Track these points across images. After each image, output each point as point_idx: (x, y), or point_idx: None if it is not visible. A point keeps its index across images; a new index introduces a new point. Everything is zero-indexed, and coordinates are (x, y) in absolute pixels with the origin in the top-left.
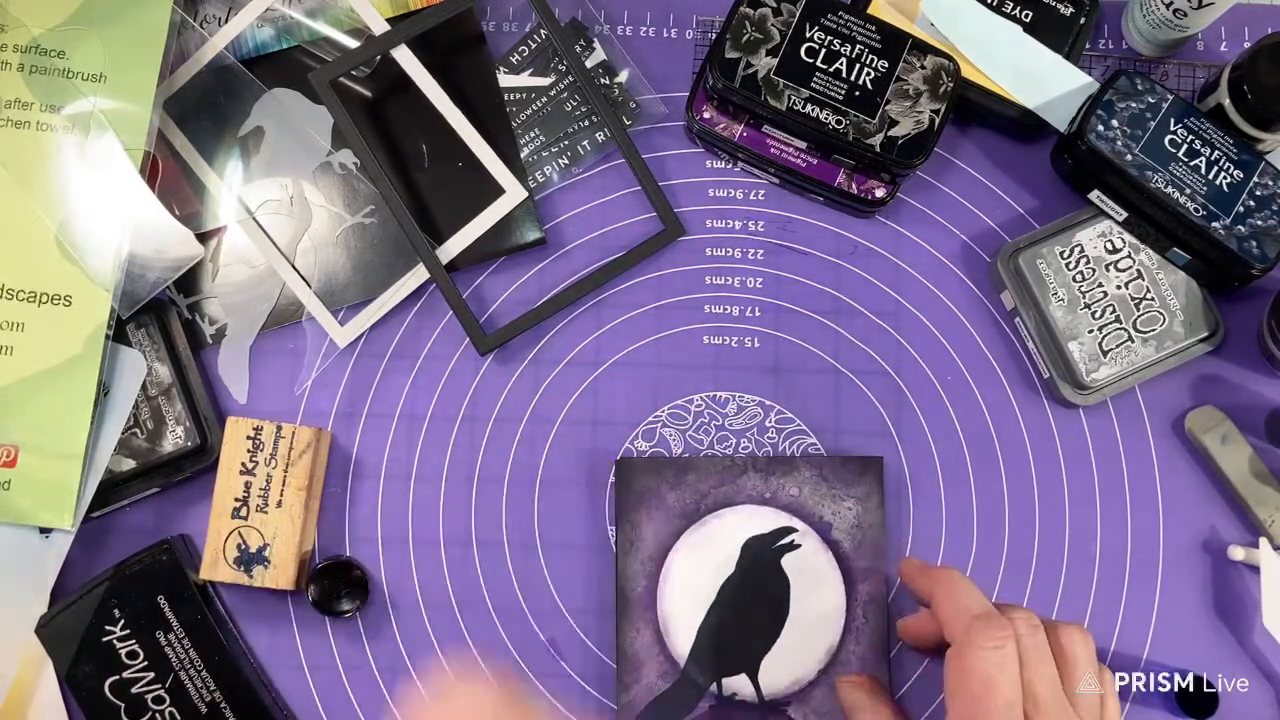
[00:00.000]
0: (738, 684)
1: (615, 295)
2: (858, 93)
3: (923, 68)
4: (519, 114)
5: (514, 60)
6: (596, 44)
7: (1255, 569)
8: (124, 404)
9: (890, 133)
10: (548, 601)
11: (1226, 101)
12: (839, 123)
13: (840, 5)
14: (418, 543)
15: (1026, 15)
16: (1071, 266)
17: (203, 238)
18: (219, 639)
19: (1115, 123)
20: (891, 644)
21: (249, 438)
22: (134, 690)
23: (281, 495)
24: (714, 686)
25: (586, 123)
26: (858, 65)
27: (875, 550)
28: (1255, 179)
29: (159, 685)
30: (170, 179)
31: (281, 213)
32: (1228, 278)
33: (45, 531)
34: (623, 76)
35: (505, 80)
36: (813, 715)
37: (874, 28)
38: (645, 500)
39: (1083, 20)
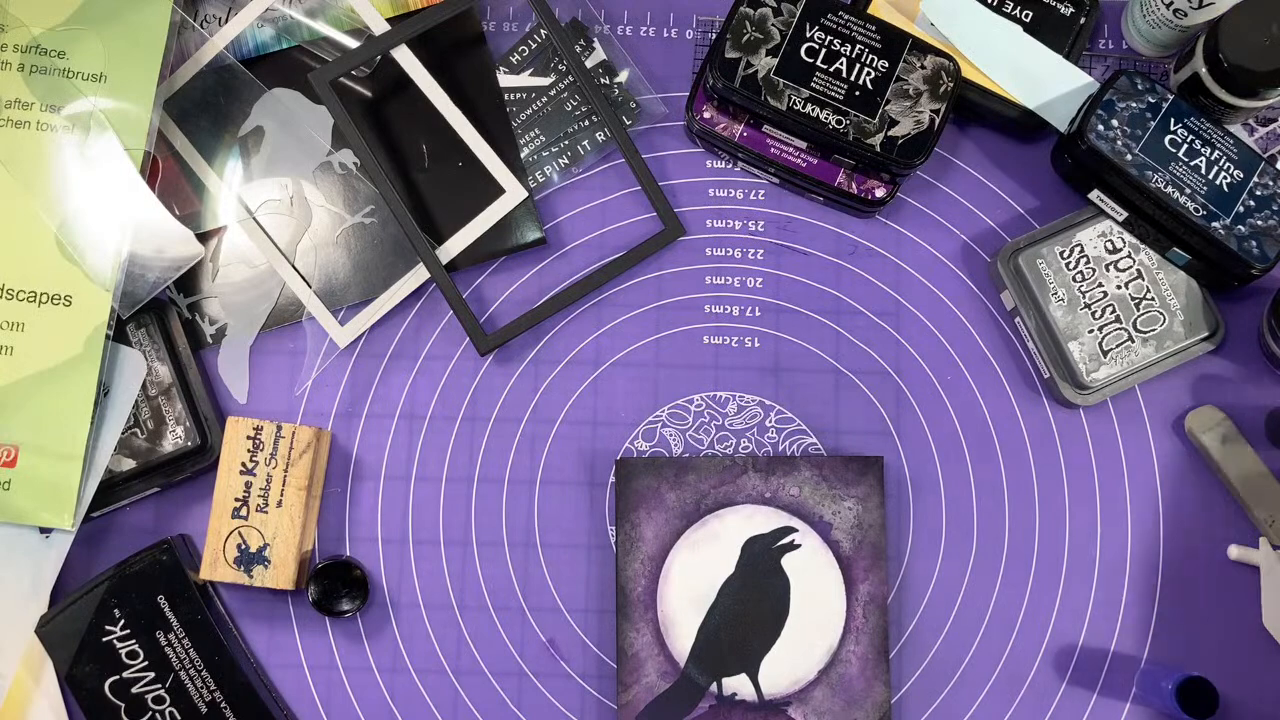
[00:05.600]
0: (738, 684)
1: (615, 295)
2: (858, 93)
3: (923, 68)
4: (519, 114)
5: (514, 60)
6: (596, 44)
7: (1255, 569)
8: (124, 404)
9: (890, 133)
10: (548, 601)
11: (1203, 70)
12: (839, 123)
13: (840, 5)
14: (418, 543)
15: (1026, 15)
16: (1071, 266)
17: (203, 238)
18: (219, 639)
19: (1115, 123)
20: (891, 644)
21: (249, 438)
22: (134, 690)
23: (281, 495)
24: (714, 686)
25: (586, 123)
26: (858, 65)
27: (875, 550)
28: (1255, 179)
29: (159, 685)
30: (170, 179)
31: (281, 213)
32: (1228, 278)
33: (45, 531)
34: (623, 76)
35: (505, 80)
36: (813, 715)
37: (874, 28)
38: (645, 500)
39: (1083, 20)
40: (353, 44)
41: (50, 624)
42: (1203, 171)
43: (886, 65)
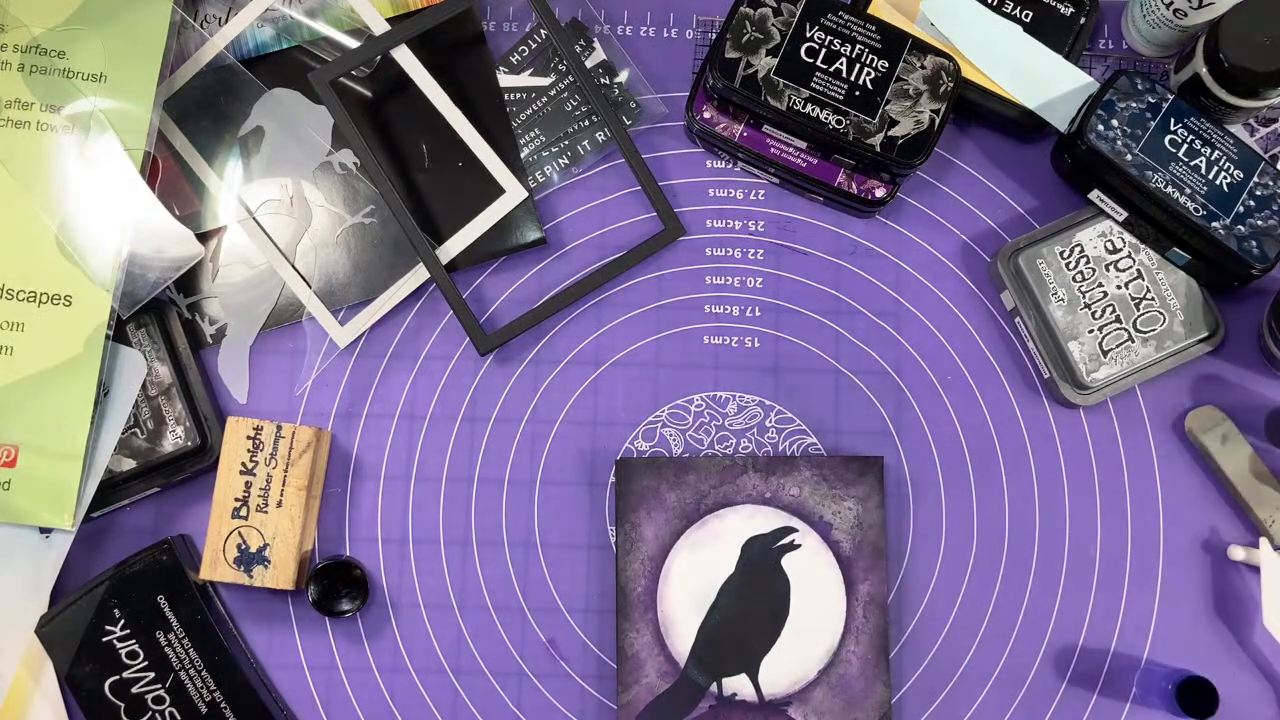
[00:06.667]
0: (738, 684)
1: (615, 295)
2: (858, 93)
3: (923, 68)
4: (519, 114)
5: (514, 60)
6: (596, 44)
7: (1255, 569)
8: (124, 404)
9: (890, 133)
10: (548, 601)
11: (1203, 70)
12: (839, 123)
13: (840, 5)
14: (418, 543)
15: (1026, 15)
16: (1071, 266)
17: (203, 238)
18: (219, 639)
19: (1115, 123)
20: (891, 644)
21: (249, 438)
22: (134, 690)
23: (281, 495)
24: (714, 686)
25: (586, 123)
26: (858, 65)
27: (875, 550)
28: (1255, 179)
29: (159, 685)
30: (170, 179)
31: (281, 213)
32: (1228, 278)
33: (45, 531)
34: (623, 76)
35: (505, 80)
36: (813, 715)
37: (874, 28)
38: (645, 500)
39: (1083, 20)
40: (353, 44)
41: (50, 624)
42: (1203, 171)
43: (886, 65)
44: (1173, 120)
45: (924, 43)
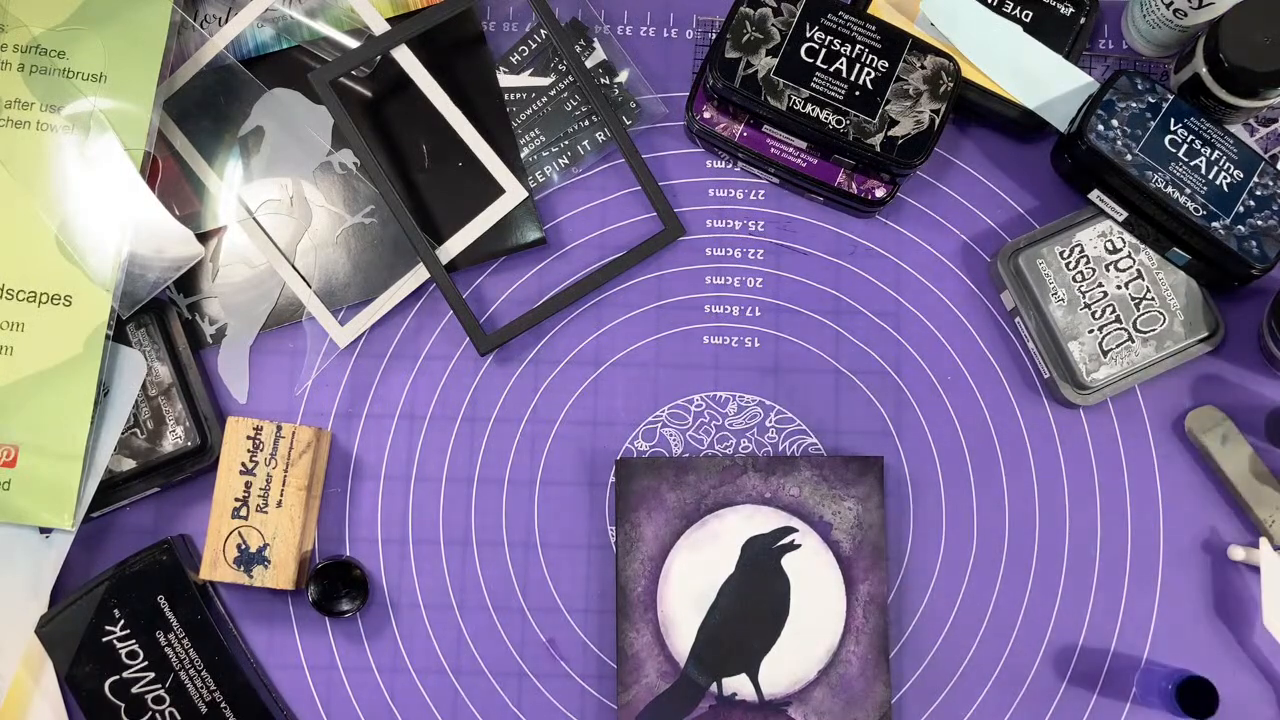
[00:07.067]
0: (738, 684)
1: (615, 295)
2: (858, 93)
3: (923, 68)
4: (519, 114)
5: (514, 60)
6: (596, 44)
7: (1255, 569)
8: (124, 404)
9: (890, 133)
10: (548, 601)
11: (1204, 70)
12: (839, 123)
13: (840, 5)
14: (418, 543)
15: (1026, 15)
16: (1071, 266)
17: (203, 238)
18: (219, 639)
19: (1115, 123)
20: (891, 644)
21: (249, 438)
22: (134, 690)
23: (281, 495)
24: (714, 686)
25: (586, 123)
26: (858, 65)
27: (875, 550)
28: (1255, 179)
29: (159, 685)
30: (170, 179)
31: (281, 213)
32: (1228, 278)
33: (45, 531)
34: (623, 76)
35: (505, 80)
36: (813, 715)
37: (874, 28)
38: (645, 500)
39: (1083, 20)
40: (353, 44)
41: (50, 624)
42: (1203, 171)
43: (886, 65)
44: (1173, 120)
45: (924, 43)
